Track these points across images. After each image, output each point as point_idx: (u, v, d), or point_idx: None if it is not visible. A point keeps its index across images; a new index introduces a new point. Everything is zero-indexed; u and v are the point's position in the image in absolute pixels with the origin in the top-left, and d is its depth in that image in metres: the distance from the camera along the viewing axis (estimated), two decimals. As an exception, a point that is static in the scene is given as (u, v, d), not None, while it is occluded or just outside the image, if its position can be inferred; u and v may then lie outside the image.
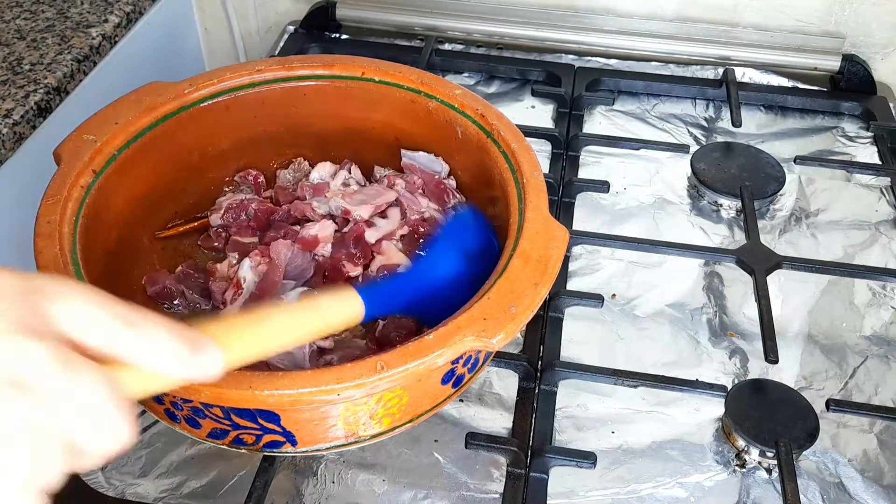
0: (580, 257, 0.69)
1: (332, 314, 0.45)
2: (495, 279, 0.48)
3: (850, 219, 0.74)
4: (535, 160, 0.56)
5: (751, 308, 0.64)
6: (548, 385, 0.58)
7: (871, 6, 0.88)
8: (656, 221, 0.73)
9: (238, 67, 0.64)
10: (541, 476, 0.53)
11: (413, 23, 0.93)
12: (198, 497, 0.53)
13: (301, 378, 0.43)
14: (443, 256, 0.53)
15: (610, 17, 0.92)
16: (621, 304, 0.66)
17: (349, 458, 0.55)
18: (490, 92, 0.89)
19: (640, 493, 0.53)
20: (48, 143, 0.56)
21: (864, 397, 0.60)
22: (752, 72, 0.89)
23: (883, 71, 0.90)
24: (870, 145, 0.82)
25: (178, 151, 0.62)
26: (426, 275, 0.52)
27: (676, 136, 0.83)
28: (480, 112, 0.60)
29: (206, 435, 0.48)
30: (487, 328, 0.45)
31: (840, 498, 0.53)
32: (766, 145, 0.81)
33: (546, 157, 0.79)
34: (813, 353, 0.63)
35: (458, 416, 0.57)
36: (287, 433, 0.47)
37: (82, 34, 0.80)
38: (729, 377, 0.61)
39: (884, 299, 0.67)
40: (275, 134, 0.66)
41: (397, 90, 0.63)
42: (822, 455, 0.56)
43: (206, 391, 0.43)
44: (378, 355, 0.44)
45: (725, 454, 0.56)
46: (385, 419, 0.48)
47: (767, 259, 0.67)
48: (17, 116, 0.70)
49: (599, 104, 0.87)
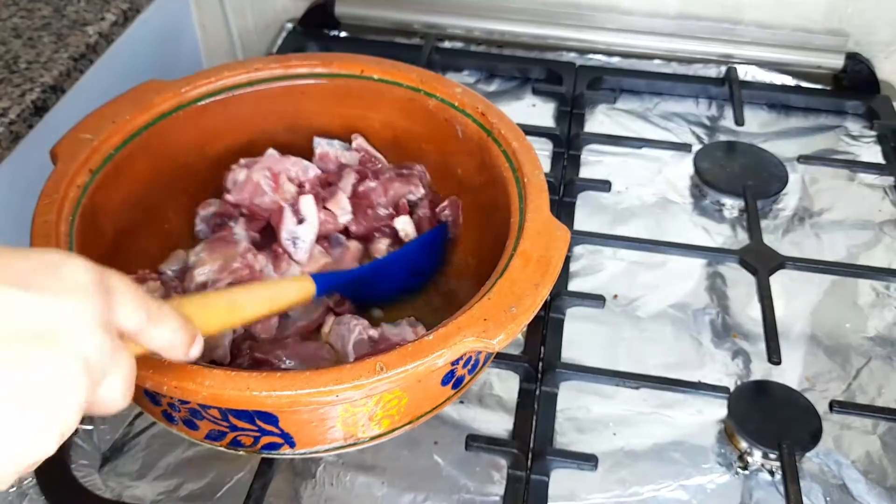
0: (581, 257, 0.69)
1: (288, 291, 0.51)
2: (496, 279, 0.48)
3: (854, 218, 0.74)
4: (536, 159, 0.56)
5: (754, 309, 0.64)
6: (549, 386, 0.58)
7: (875, 4, 0.87)
8: (658, 221, 0.73)
9: (236, 66, 0.63)
10: (542, 478, 0.53)
11: (413, 20, 0.93)
12: (195, 499, 0.52)
13: (299, 379, 0.43)
14: (388, 269, 0.61)
15: (612, 15, 0.92)
16: (623, 304, 0.65)
17: (348, 461, 0.54)
18: (490, 90, 0.89)
19: (642, 496, 0.53)
20: (45, 142, 0.56)
21: (867, 399, 0.59)
22: (755, 70, 0.89)
23: (887, 69, 0.89)
24: (873, 144, 0.82)
25: (176, 150, 0.62)
26: (371, 274, 0.61)
27: (679, 134, 0.83)
28: (481, 111, 0.59)
29: (203, 437, 0.48)
30: (488, 329, 0.44)
31: (843, 500, 0.53)
32: (769, 144, 0.81)
33: (547, 156, 0.78)
34: (816, 355, 0.62)
35: (458, 417, 0.57)
36: (285, 435, 0.46)
37: (79, 32, 0.79)
38: (731, 378, 0.60)
39: (888, 300, 0.66)
40: (273, 132, 0.66)
41: (397, 88, 0.63)
42: (826, 457, 0.55)
43: (204, 392, 0.42)
44: (377, 356, 0.43)
45: (728, 456, 0.55)
46: (384, 421, 0.48)
47: (770, 259, 0.66)
48: (14, 115, 0.69)
49: (601, 103, 0.86)
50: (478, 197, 0.61)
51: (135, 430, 0.56)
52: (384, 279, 0.60)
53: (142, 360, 0.43)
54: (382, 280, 0.60)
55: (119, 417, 0.57)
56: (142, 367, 0.42)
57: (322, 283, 0.53)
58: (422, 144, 0.64)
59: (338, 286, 0.57)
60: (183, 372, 0.43)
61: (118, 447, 0.55)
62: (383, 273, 0.61)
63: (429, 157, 0.64)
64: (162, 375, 0.42)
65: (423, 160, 0.65)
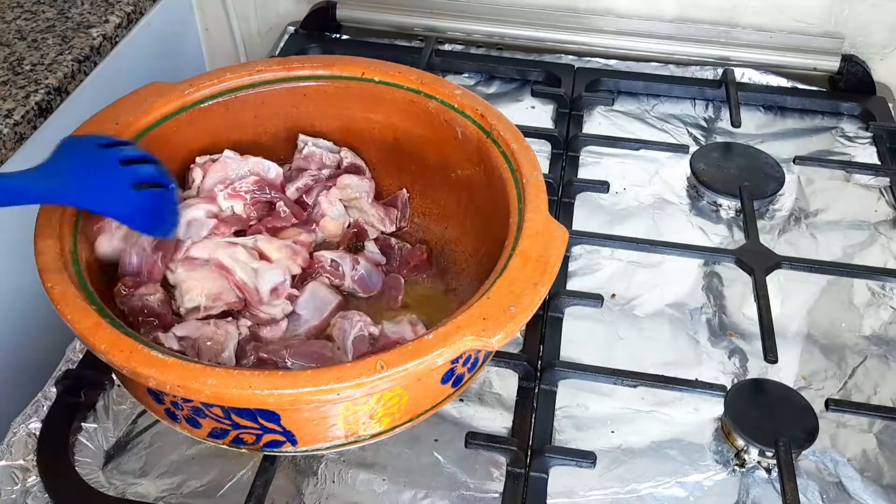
0: (580, 257, 0.69)
1: None
2: (495, 279, 0.48)
3: (850, 219, 0.74)
4: (534, 160, 0.56)
5: (750, 308, 0.64)
6: (547, 385, 0.59)
7: (870, 6, 0.88)
8: (656, 221, 0.73)
9: (238, 68, 0.64)
10: (540, 476, 0.53)
11: (413, 23, 0.94)
12: (198, 496, 0.53)
13: (301, 377, 0.43)
14: (73, 147, 0.54)
15: (609, 18, 0.92)
16: (621, 303, 0.66)
17: (349, 458, 0.55)
18: (490, 92, 0.89)
19: (640, 493, 0.53)
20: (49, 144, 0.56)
21: (863, 397, 0.60)
22: (751, 72, 0.89)
23: (882, 71, 0.90)
24: (869, 145, 0.82)
25: (178, 152, 0.62)
26: (61, 163, 0.52)
27: (676, 136, 0.83)
28: (480, 112, 0.60)
29: (206, 435, 0.48)
30: (487, 328, 0.45)
31: (839, 497, 0.54)
32: (765, 145, 0.81)
33: (546, 157, 0.79)
34: (812, 353, 0.63)
35: (457, 415, 0.57)
36: (287, 433, 0.47)
37: (83, 34, 0.80)
38: (728, 377, 0.61)
39: (883, 299, 0.67)
40: (275, 134, 0.66)
41: (397, 90, 0.63)
42: (822, 455, 0.56)
43: (207, 391, 0.43)
44: (378, 355, 0.44)
45: (725, 454, 0.56)
46: (385, 419, 0.48)
47: (767, 259, 0.67)
48: (18, 116, 0.70)
49: (599, 104, 0.87)
50: (477, 197, 0.62)
51: (138, 428, 0.56)
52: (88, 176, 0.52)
53: (145, 359, 0.44)
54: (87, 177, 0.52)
55: (122, 416, 0.57)
56: (145, 365, 0.43)
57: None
58: (422, 146, 0.64)
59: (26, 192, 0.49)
60: (186, 371, 0.43)
61: (121, 445, 0.56)
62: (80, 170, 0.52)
63: (429, 159, 0.65)
64: (165, 374, 0.43)
65: (423, 161, 0.65)
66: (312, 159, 0.65)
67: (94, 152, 0.54)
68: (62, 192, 0.51)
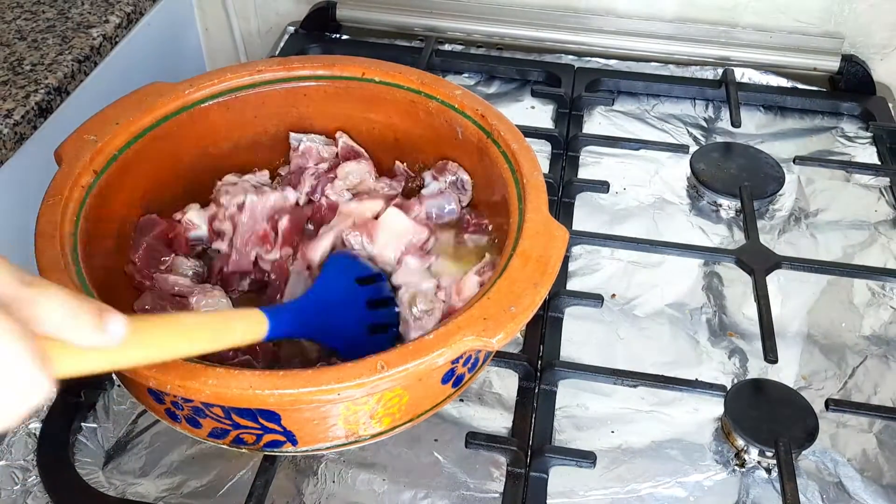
0: (580, 257, 0.70)
1: (240, 330, 0.46)
2: (495, 279, 0.48)
3: (850, 219, 0.74)
4: (535, 160, 0.56)
5: (750, 308, 0.64)
6: (548, 385, 0.59)
7: (870, 6, 0.88)
8: (656, 221, 0.73)
9: (238, 68, 0.64)
10: (540, 475, 0.53)
11: (413, 23, 0.94)
12: (198, 496, 0.53)
13: (302, 378, 0.43)
14: (334, 280, 0.56)
15: (609, 18, 0.92)
16: (621, 303, 0.66)
17: (349, 458, 0.55)
18: (490, 92, 0.89)
19: (640, 493, 0.53)
20: (49, 144, 0.56)
21: (863, 397, 0.60)
22: (751, 72, 0.89)
23: (882, 71, 0.90)
24: (869, 145, 0.82)
25: (179, 152, 0.62)
26: (322, 297, 0.54)
27: (676, 136, 0.83)
28: (480, 112, 0.60)
29: (206, 434, 0.48)
30: (487, 328, 0.45)
31: (839, 497, 0.54)
32: (765, 145, 0.81)
33: (546, 157, 0.79)
34: (812, 353, 0.63)
35: (458, 415, 0.57)
36: (287, 433, 0.47)
37: (83, 34, 0.80)
38: (728, 377, 0.61)
39: (883, 299, 0.67)
40: (275, 134, 0.66)
41: (397, 91, 0.63)
42: (822, 455, 0.56)
43: (207, 391, 0.43)
44: (378, 355, 0.44)
45: (725, 454, 0.56)
46: (385, 419, 0.48)
47: (767, 259, 0.67)
48: (18, 116, 0.70)
49: (599, 104, 0.87)
50: (477, 197, 0.62)
51: (138, 428, 0.56)
52: (338, 317, 0.54)
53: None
54: (337, 318, 0.54)
55: (122, 416, 0.57)
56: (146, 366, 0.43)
57: (277, 321, 0.48)
58: (422, 146, 0.64)
59: (293, 327, 0.51)
60: (186, 371, 0.43)
61: (121, 445, 0.56)
62: (334, 311, 0.55)
63: (429, 159, 0.65)
64: (165, 374, 0.43)
65: (424, 161, 0.65)
66: (310, 154, 0.65)
67: (349, 291, 0.55)
68: (314, 334, 0.53)
